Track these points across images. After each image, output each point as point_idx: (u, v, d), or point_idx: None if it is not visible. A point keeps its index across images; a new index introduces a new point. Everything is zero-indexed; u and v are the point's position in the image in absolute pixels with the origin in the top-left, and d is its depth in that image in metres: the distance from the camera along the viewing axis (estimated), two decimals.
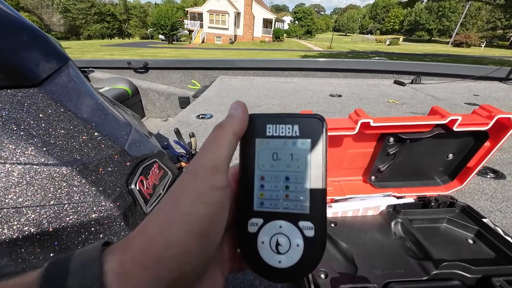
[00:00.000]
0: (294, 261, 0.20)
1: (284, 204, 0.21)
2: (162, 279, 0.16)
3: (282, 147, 0.21)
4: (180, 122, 1.33)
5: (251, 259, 0.21)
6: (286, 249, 0.20)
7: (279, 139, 0.21)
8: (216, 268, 0.21)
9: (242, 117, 0.21)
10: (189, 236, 0.16)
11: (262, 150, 0.22)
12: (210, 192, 0.18)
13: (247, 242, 0.21)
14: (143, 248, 0.16)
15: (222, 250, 0.22)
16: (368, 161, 0.61)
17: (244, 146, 0.22)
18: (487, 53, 23.36)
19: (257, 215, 0.21)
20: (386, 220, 0.56)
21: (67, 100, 0.51)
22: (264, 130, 0.22)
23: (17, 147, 0.42)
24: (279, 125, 0.21)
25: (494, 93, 2.08)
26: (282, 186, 0.21)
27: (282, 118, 0.22)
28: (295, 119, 0.21)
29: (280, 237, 0.21)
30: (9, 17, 0.48)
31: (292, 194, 0.21)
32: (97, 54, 15.21)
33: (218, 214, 0.18)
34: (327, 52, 18.79)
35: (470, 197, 0.74)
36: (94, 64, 2.83)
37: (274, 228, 0.21)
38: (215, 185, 0.18)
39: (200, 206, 0.17)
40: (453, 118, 0.49)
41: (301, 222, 0.20)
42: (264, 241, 0.21)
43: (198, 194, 0.17)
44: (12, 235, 0.39)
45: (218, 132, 0.20)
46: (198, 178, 0.18)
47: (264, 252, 0.21)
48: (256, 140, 0.22)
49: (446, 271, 0.42)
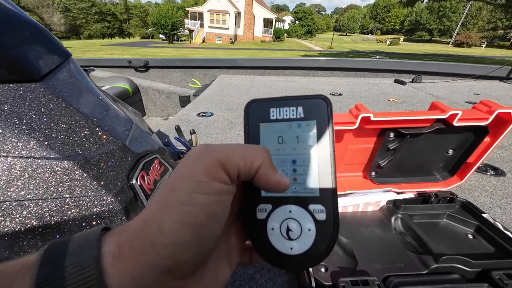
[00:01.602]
0: (306, 246, 0.19)
1: (293, 187, 0.20)
2: (156, 265, 0.15)
3: (287, 130, 0.21)
4: (181, 120, 1.33)
5: (262, 247, 0.20)
6: (298, 234, 0.19)
7: (283, 122, 0.21)
8: (221, 261, 0.20)
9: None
10: (183, 226, 0.16)
11: (266, 134, 0.21)
12: (209, 183, 0.17)
13: (256, 229, 0.20)
14: (138, 232, 0.16)
15: (229, 242, 0.21)
16: (368, 157, 0.61)
17: (248, 132, 0.21)
18: (487, 53, 23.33)
19: (266, 201, 0.20)
20: (386, 216, 0.56)
21: (69, 95, 0.51)
22: (268, 115, 0.21)
23: (19, 141, 0.42)
24: (283, 108, 0.21)
25: (494, 92, 2.08)
26: (290, 169, 0.20)
27: (285, 101, 0.21)
28: (298, 101, 0.21)
29: (290, 222, 0.20)
30: (11, 13, 0.48)
31: (300, 177, 0.20)
32: (97, 53, 15.22)
33: (217, 206, 0.17)
34: (328, 52, 18.78)
35: (470, 193, 0.74)
36: (94, 62, 2.83)
37: (284, 213, 0.20)
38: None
39: (197, 196, 0.16)
40: (453, 113, 0.49)
41: (312, 205, 0.20)
42: (274, 227, 0.20)
43: (195, 183, 0.17)
44: (14, 228, 0.39)
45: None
46: (197, 167, 0.17)
47: (274, 239, 0.20)
48: (260, 125, 0.21)
49: (446, 265, 0.43)
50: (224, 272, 0.20)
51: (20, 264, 0.15)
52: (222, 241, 0.21)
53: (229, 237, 0.21)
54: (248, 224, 0.21)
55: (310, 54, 16.55)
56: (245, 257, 0.23)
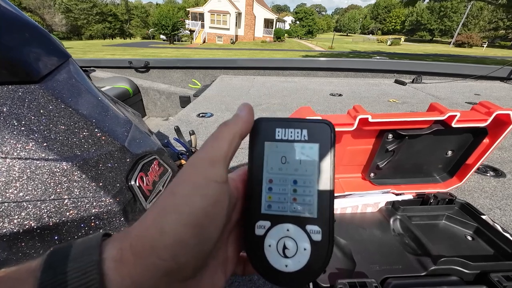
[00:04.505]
0: (301, 265, 0.20)
1: (292, 207, 0.21)
2: (158, 268, 0.16)
3: (290, 151, 0.21)
4: (181, 121, 1.33)
5: (257, 262, 0.21)
6: (293, 253, 0.20)
7: (287, 142, 0.21)
8: (217, 267, 0.21)
9: (247, 118, 0.21)
10: (183, 227, 0.16)
11: (270, 153, 0.22)
12: (207, 185, 0.18)
13: (254, 244, 0.21)
14: (139, 235, 0.16)
15: (227, 251, 0.22)
16: (367, 158, 0.61)
17: (253, 148, 0.22)
18: (489, 53, 23.27)
19: (265, 218, 0.21)
20: (385, 217, 0.56)
21: (68, 96, 0.52)
22: (273, 134, 0.22)
23: (18, 142, 0.42)
24: (288, 129, 0.22)
25: (495, 92, 2.07)
26: (290, 189, 0.21)
27: (291, 122, 0.22)
28: (304, 124, 0.22)
29: (287, 240, 0.20)
30: (11, 14, 0.49)
31: (300, 197, 0.21)
32: (98, 54, 15.27)
33: (214, 208, 0.18)
34: (328, 52, 18.77)
35: (470, 195, 0.74)
36: (95, 63, 2.84)
37: (282, 231, 0.21)
38: (212, 178, 0.18)
39: (196, 198, 0.17)
40: (452, 114, 0.49)
41: (309, 226, 0.20)
42: (271, 244, 0.21)
43: (194, 186, 0.17)
44: (13, 229, 0.39)
45: (221, 129, 0.20)
46: (195, 170, 0.18)
47: (270, 255, 0.20)
48: (265, 143, 0.22)
49: (444, 266, 0.42)
50: (219, 279, 0.21)
51: (23, 269, 0.16)
52: (219, 249, 0.21)
53: (226, 245, 0.22)
54: (246, 239, 0.21)
55: (310, 54, 16.54)
56: (239, 267, 0.23)
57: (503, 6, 13.65)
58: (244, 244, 0.22)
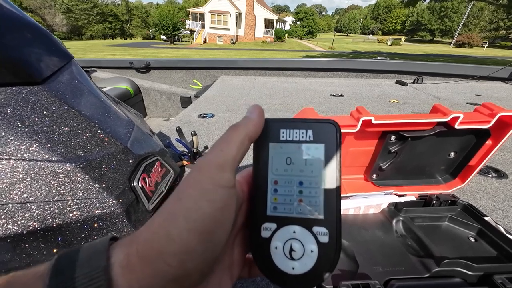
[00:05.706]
0: (308, 267, 0.20)
1: (298, 209, 0.20)
2: (165, 274, 0.16)
3: (295, 152, 0.21)
4: (182, 121, 1.33)
5: (264, 265, 0.21)
6: (300, 255, 0.20)
7: (292, 143, 0.21)
8: (224, 272, 0.21)
9: (258, 120, 0.20)
10: (191, 233, 0.16)
11: (275, 154, 0.21)
12: (214, 190, 0.17)
13: (260, 247, 0.21)
14: (147, 240, 0.16)
15: (233, 254, 0.22)
16: (370, 160, 0.61)
17: (257, 150, 0.22)
18: (489, 53, 23.25)
19: (271, 220, 0.21)
20: (388, 218, 0.56)
21: (71, 97, 0.52)
22: (278, 135, 0.21)
23: (22, 143, 0.42)
24: (293, 129, 0.21)
25: (496, 93, 2.07)
26: (296, 190, 0.21)
27: (296, 122, 0.22)
28: (308, 124, 0.21)
29: (294, 242, 0.20)
30: (13, 15, 0.49)
31: (306, 199, 0.20)
32: (99, 54, 15.28)
33: (222, 213, 0.17)
34: (329, 53, 18.77)
35: (472, 196, 0.74)
36: (96, 63, 2.84)
37: (288, 233, 0.20)
38: (220, 183, 0.18)
39: (203, 204, 0.17)
40: (455, 116, 0.49)
41: (315, 227, 0.20)
42: (278, 246, 0.20)
43: (201, 191, 0.17)
44: (17, 230, 0.40)
45: (231, 132, 0.19)
46: (203, 174, 0.18)
47: (277, 258, 0.20)
48: (270, 145, 0.21)
49: (448, 268, 0.42)
50: (226, 284, 0.21)
51: (31, 274, 0.16)
52: (226, 253, 0.21)
53: (232, 249, 0.22)
54: (252, 241, 0.21)
55: (311, 54, 16.54)
56: (245, 270, 0.23)
57: (504, 6, 13.63)
58: (250, 247, 0.21)
